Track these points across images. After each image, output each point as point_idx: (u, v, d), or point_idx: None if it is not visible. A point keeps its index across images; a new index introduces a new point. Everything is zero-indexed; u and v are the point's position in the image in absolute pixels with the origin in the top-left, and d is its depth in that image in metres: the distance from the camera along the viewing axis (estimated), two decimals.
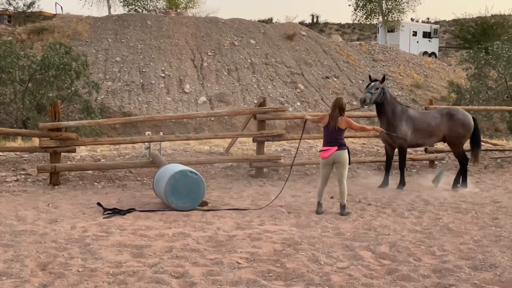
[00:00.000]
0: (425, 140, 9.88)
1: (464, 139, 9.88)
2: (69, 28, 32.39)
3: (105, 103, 25.25)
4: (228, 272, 4.98)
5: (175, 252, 5.62)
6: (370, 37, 52.99)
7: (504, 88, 23.46)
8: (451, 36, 52.64)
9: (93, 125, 15.90)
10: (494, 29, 42.90)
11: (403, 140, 9.54)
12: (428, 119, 9.83)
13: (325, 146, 7.63)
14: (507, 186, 9.84)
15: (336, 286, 4.65)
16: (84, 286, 4.61)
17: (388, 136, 9.49)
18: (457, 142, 9.87)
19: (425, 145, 10.44)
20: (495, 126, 25.06)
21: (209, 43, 32.53)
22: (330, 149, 7.51)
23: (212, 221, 7.10)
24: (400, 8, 43.21)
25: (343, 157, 7.54)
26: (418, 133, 9.68)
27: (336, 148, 7.50)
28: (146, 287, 4.57)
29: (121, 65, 29.23)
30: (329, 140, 7.60)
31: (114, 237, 6.16)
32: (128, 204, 8.18)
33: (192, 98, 27.62)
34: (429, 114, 10.04)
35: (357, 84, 32.51)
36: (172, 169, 7.96)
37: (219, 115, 22.81)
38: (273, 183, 10.17)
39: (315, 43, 35.67)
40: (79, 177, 10.28)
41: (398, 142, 9.59)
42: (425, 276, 4.90)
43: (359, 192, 9.14)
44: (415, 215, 7.52)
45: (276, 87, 29.65)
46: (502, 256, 5.41)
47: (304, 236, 6.27)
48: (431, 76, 35.57)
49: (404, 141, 9.57)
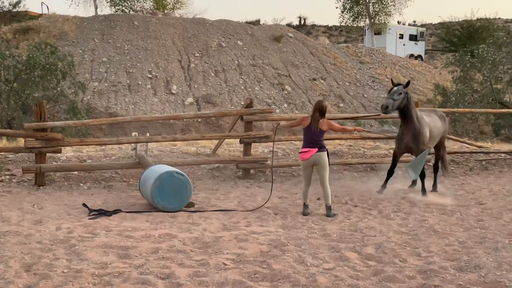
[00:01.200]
0: (432, 144, 9.50)
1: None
2: (55, 28, 32.16)
3: (91, 104, 25.08)
4: (214, 273, 4.97)
5: (161, 253, 5.59)
6: (357, 39, 53.23)
7: (489, 91, 23.66)
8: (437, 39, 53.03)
9: (79, 125, 15.78)
10: (480, 32, 43.29)
11: (426, 148, 9.03)
12: (435, 122, 9.53)
13: (305, 147, 7.63)
14: (492, 188, 9.93)
15: (322, 287, 4.65)
16: (69, 287, 4.58)
17: (413, 143, 8.89)
18: (443, 143, 9.98)
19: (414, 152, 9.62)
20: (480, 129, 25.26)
21: (196, 44, 32.48)
22: (311, 151, 7.52)
23: (199, 222, 7.08)
24: (386, 11, 43.50)
25: (323, 159, 7.56)
26: (431, 138, 9.26)
27: (317, 150, 7.52)
28: None
29: (108, 65, 29.08)
30: (310, 141, 7.61)
31: (99, 238, 6.12)
32: (114, 205, 8.13)
33: (179, 99, 27.55)
34: (433, 118, 9.65)
35: (343, 86, 32.63)
36: (158, 170, 7.94)
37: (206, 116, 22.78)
38: (260, 185, 10.17)
39: (302, 45, 35.75)
40: (64, 177, 10.20)
41: (420, 150, 8.94)
42: (410, 277, 4.93)
43: (345, 194, 9.17)
44: (401, 217, 7.56)
45: (263, 88, 29.67)
46: (487, 257, 5.45)
47: (291, 237, 6.28)
48: (417, 78, 35.81)
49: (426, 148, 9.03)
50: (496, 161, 12.68)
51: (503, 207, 8.21)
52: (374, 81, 34.38)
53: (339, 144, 13.60)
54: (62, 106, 20.46)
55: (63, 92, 20.74)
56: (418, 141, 8.87)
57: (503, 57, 24.32)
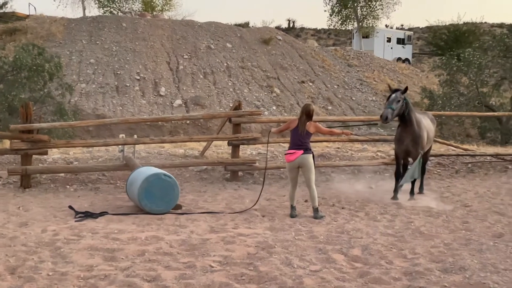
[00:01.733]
0: (427, 147, 9.43)
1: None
2: (43, 29, 31.99)
3: (79, 105, 24.96)
4: (201, 275, 4.96)
5: (148, 255, 5.58)
6: (345, 42, 53.50)
7: (475, 95, 23.85)
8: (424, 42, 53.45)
9: (65, 127, 15.69)
10: (466, 36, 43.71)
11: (423, 151, 9.03)
12: (430, 125, 9.49)
13: (291, 149, 7.65)
14: (478, 191, 10.00)
15: None
16: None
17: (413, 147, 8.85)
18: (430, 146, 10.03)
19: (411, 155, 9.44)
20: (467, 132, 25.47)
21: (185, 46, 32.45)
22: (296, 152, 7.54)
23: (186, 224, 7.07)
24: (374, 14, 43.78)
25: (308, 161, 7.57)
26: (428, 141, 9.23)
27: (302, 152, 7.53)
28: None
29: (96, 67, 28.96)
30: (296, 143, 7.62)
31: (85, 240, 6.09)
32: (101, 207, 8.10)
33: (168, 101, 27.50)
34: (428, 120, 9.57)
35: (332, 89, 32.75)
36: (145, 172, 7.91)
37: (194, 118, 22.78)
38: (248, 187, 10.17)
39: (291, 48, 35.85)
40: (50, 179, 10.14)
41: (418, 153, 8.94)
42: (396, 278, 4.95)
43: (332, 196, 9.20)
44: (387, 219, 7.59)
45: (252, 91, 29.71)
46: (472, 259, 5.50)
47: (278, 240, 6.28)
48: (405, 81, 36.03)
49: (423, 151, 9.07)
50: (482, 164, 12.78)
51: (488, 209, 8.28)
52: (362, 84, 34.56)
53: (327, 146, 13.64)
54: (49, 108, 20.31)
55: (50, 93, 20.59)
56: (418, 145, 8.86)
57: (489, 61, 24.55)
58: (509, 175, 11.87)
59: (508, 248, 5.90)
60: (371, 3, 43.59)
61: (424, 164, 10.07)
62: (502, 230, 6.89)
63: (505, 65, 24.72)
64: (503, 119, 22.05)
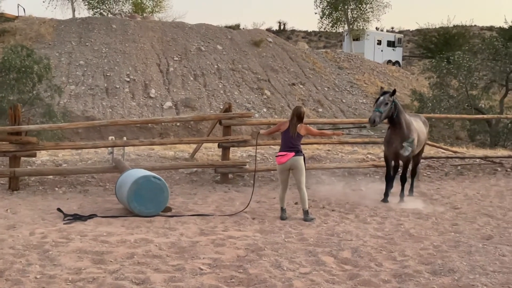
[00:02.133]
0: (418, 150, 9.36)
1: None
2: (32, 30, 31.82)
3: (68, 107, 24.85)
4: (190, 278, 4.94)
5: (137, 258, 5.54)
6: (336, 45, 53.63)
7: (464, 97, 24.00)
8: (415, 45, 53.70)
9: (54, 129, 15.60)
10: (456, 39, 43.96)
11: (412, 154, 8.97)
12: (421, 128, 9.43)
13: (282, 151, 7.64)
14: (467, 193, 10.05)
15: None
16: None
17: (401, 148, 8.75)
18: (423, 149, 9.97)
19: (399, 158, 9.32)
20: (456, 134, 25.63)
21: (175, 48, 32.40)
22: (288, 155, 7.53)
23: (176, 227, 7.03)
24: (365, 17, 43.94)
25: (299, 163, 7.57)
26: (418, 144, 9.15)
27: (294, 154, 7.53)
28: None
29: (85, 68, 28.83)
30: (287, 145, 7.61)
31: (74, 243, 6.04)
32: (90, 209, 8.04)
33: (158, 103, 27.43)
34: (419, 123, 9.51)
35: (322, 91, 32.83)
36: (135, 175, 7.87)
37: (184, 120, 22.72)
38: (238, 189, 10.15)
39: (281, 50, 35.89)
40: (39, 182, 10.06)
41: (408, 157, 8.90)
42: (385, 281, 4.95)
43: (323, 198, 9.20)
44: (377, 221, 7.60)
45: (243, 93, 29.71)
46: (461, 261, 5.51)
47: (268, 242, 6.27)
48: (395, 84, 36.18)
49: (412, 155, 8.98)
50: (471, 166, 12.84)
51: (478, 211, 8.32)
52: (353, 86, 34.67)
53: (317, 148, 13.65)
54: (38, 110, 20.23)
55: (39, 95, 20.51)
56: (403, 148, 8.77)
57: (478, 63, 24.73)
58: (498, 178, 11.94)
59: (497, 250, 5.93)
60: (361, 6, 43.76)
61: (415, 167, 10.10)
62: (491, 232, 6.92)
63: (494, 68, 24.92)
64: (492, 121, 22.20)
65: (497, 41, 25.78)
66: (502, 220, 7.70)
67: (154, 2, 45.43)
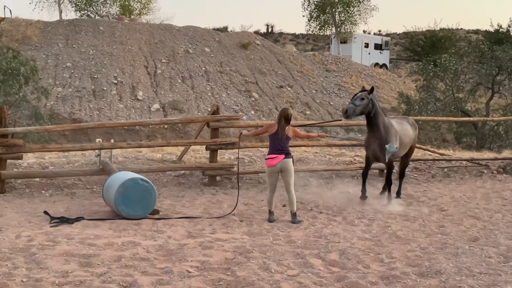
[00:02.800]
0: (402, 152, 9.30)
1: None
2: (18, 32, 31.60)
3: (55, 110, 24.70)
4: (178, 281, 4.92)
5: (124, 261, 5.51)
6: (324, 47, 53.84)
7: (451, 100, 24.17)
8: (402, 48, 54.06)
9: (41, 131, 15.50)
10: (443, 42, 44.32)
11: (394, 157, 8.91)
12: (407, 130, 9.36)
13: (271, 154, 7.65)
14: (453, 195, 10.12)
15: None
16: None
17: (380, 152, 8.73)
18: (413, 151, 9.93)
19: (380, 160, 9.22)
20: (443, 137, 25.80)
21: (163, 50, 32.33)
22: (278, 157, 7.55)
23: (163, 229, 7.01)
24: (352, 20, 44.12)
25: (289, 165, 7.61)
26: (401, 147, 9.04)
27: (284, 156, 7.56)
28: None
29: (72, 70, 28.68)
30: (276, 148, 7.63)
31: (61, 246, 6.00)
32: (77, 212, 7.99)
33: (145, 105, 27.35)
34: (405, 125, 9.46)
35: (310, 93, 32.92)
36: (122, 177, 7.83)
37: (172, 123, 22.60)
38: (226, 192, 10.14)
39: (269, 53, 35.95)
40: (25, 184, 9.98)
41: (389, 159, 8.83)
42: (373, 283, 4.97)
43: (311, 201, 9.22)
44: (365, 223, 7.63)
45: (231, 95, 29.71)
46: (447, 263, 5.55)
47: (256, 244, 6.27)
48: (382, 87, 36.40)
49: (394, 157, 8.95)
50: (458, 169, 12.94)
51: (464, 213, 8.37)
52: (340, 89, 34.81)
53: (305, 151, 13.68)
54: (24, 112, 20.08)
55: (26, 97, 20.36)
56: (384, 150, 8.74)
57: (464, 67, 24.93)
58: (484, 180, 12.04)
59: (483, 252, 5.98)
60: (349, 9, 43.94)
61: (403, 169, 10.14)
62: (478, 234, 6.97)
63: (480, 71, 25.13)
64: (478, 124, 22.39)
65: (483, 44, 26.02)
66: (488, 222, 7.77)
67: (142, 4, 45.30)
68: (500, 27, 40.73)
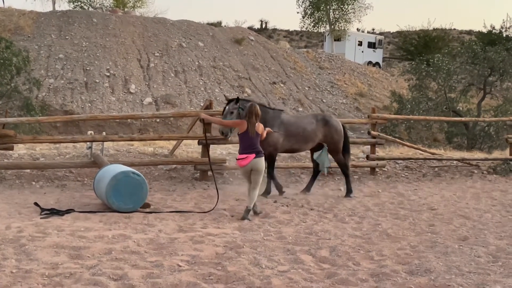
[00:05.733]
0: (301, 145, 9.49)
1: (339, 145, 9.75)
2: (11, 22, 31.35)
3: (47, 101, 24.57)
4: (168, 275, 4.92)
5: (115, 254, 5.50)
6: (317, 45, 53.81)
7: (443, 100, 24.26)
8: (395, 47, 54.13)
9: (32, 122, 15.40)
10: (436, 42, 44.41)
11: (273, 148, 9.04)
12: (304, 124, 9.49)
13: (242, 153, 7.53)
14: (444, 194, 10.17)
15: None
16: (17, 287, 4.45)
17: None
18: (334, 148, 9.77)
19: (300, 150, 9.92)
20: (434, 136, 25.89)
21: (156, 43, 32.20)
22: (249, 157, 7.44)
23: (154, 223, 7.00)
24: (346, 18, 44.13)
25: (260, 165, 7.51)
26: (292, 139, 9.25)
27: (254, 156, 7.45)
28: None
29: (65, 62, 28.52)
30: (247, 147, 7.51)
31: (51, 238, 5.98)
32: (67, 204, 7.96)
33: (138, 99, 27.25)
34: (304, 119, 9.71)
35: (303, 90, 32.92)
36: (114, 170, 7.81)
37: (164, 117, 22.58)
38: (217, 186, 10.11)
39: (263, 49, 35.91)
40: (16, 175, 9.93)
41: (268, 150, 8.87)
42: (363, 280, 4.99)
43: (301, 197, 9.23)
44: (355, 221, 7.66)
45: (223, 90, 29.65)
46: (437, 261, 5.58)
47: (247, 240, 6.28)
48: (375, 85, 36.48)
49: (274, 149, 9.09)
50: (448, 168, 13.00)
51: (454, 212, 8.42)
52: (333, 86, 34.84)
53: None
54: (15, 103, 19.97)
55: (17, 88, 20.23)
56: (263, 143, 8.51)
57: (457, 67, 25.01)
58: (474, 180, 12.11)
59: (473, 251, 6.01)
60: (343, 7, 43.94)
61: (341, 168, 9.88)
62: (467, 233, 7.01)
63: (472, 72, 25.24)
64: (469, 124, 22.49)
65: (476, 45, 26.10)
66: (478, 221, 7.81)
67: None
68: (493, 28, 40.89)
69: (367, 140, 12.40)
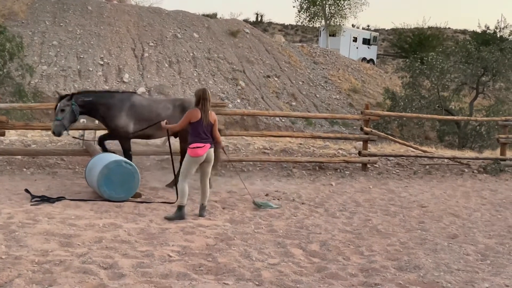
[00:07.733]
0: (154, 131, 8.76)
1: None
2: (5, 7, 31.06)
3: (39, 88, 24.40)
4: (159, 264, 4.92)
5: (105, 242, 5.50)
6: (312, 39, 53.79)
7: (436, 98, 24.32)
8: (389, 44, 54.19)
9: (24, 109, 15.28)
10: (430, 40, 44.48)
11: (123, 131, 8.51)
12: (158, 109, 8.77)
13: (197, 142, 6.83)
14: (434, 192, 10.22)
15: (266, 282, 4.68)
16: (7, 274, 4.43)
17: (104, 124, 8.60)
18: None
19: (155, 136, 9.20)
20: (426, 134, 25.97)
21: (151, 33, 32.05)
22: (205, 146, 6.87)
23: (145, 213, 7.00)
24: (342, 13, 44.14)
25: (213, 155, 7.09)
26: (144, 123, 8.57)
27: (209, 146, 6.95)
28: (72, 277, 4.45)
29: (58, 49, 28.34)
30: (201, 136, 6.86)
31: (41, 225, 5.96)
32: (58, 192, 7.94)
33: (131, 88, 27.11)
34: (160, 104, 8.97)
35: (297, 85, 32.91)
36: (106, 159, 7.79)
37: None
38: None
39: (258, 42, 35.83)
40: (7, 162, 9.87)
41: (118, 133, 8.54)
42: (352, 274, 5.02)
43: (293, 191, 9.25)
44: (346, 216, 7.69)
45: (217, 82, 29.60)
46: (426, 258, 5.62)
47: (237, 232, 6.29)
48: (368, 82, 36.54)
49: (124, 132, 8.54)
50: (439, 166, 13.06)
51: (444, 210, 8.47)
52: (327, 81, 34.86)
53: (290, 142, 13.71)
54: (8, 89, 19.81)
55: (10, 74, 20.07)
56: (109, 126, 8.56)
57: (450, 66, 25.06)
58: (464, 178, 12.17)
59: (462, 249, 6.06)
60: (339, 2, 43.94)
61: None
62: (457, 231, 7.06)
63: (466, 71, 25.30)
64: (461, 123, 22.57)
65: (470, 44, 26.17)
66: (467, 220, 7.87)
67: None
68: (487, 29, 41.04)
69: (360, 136, 12.44)
